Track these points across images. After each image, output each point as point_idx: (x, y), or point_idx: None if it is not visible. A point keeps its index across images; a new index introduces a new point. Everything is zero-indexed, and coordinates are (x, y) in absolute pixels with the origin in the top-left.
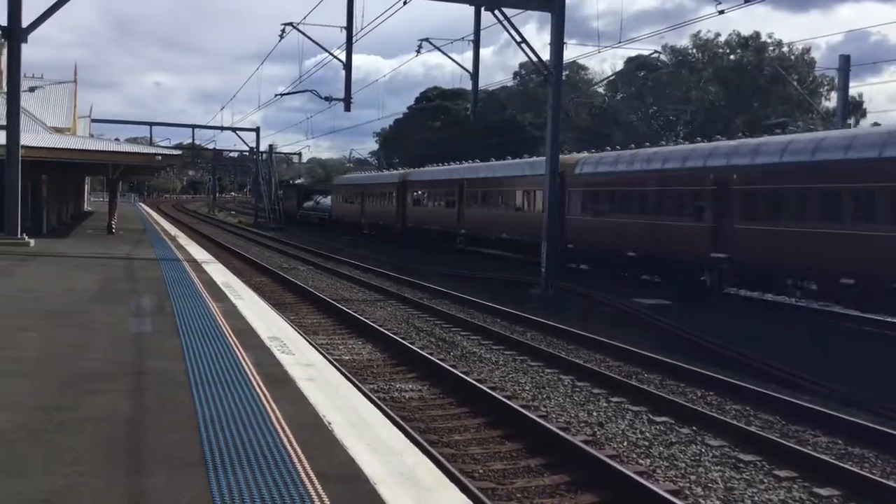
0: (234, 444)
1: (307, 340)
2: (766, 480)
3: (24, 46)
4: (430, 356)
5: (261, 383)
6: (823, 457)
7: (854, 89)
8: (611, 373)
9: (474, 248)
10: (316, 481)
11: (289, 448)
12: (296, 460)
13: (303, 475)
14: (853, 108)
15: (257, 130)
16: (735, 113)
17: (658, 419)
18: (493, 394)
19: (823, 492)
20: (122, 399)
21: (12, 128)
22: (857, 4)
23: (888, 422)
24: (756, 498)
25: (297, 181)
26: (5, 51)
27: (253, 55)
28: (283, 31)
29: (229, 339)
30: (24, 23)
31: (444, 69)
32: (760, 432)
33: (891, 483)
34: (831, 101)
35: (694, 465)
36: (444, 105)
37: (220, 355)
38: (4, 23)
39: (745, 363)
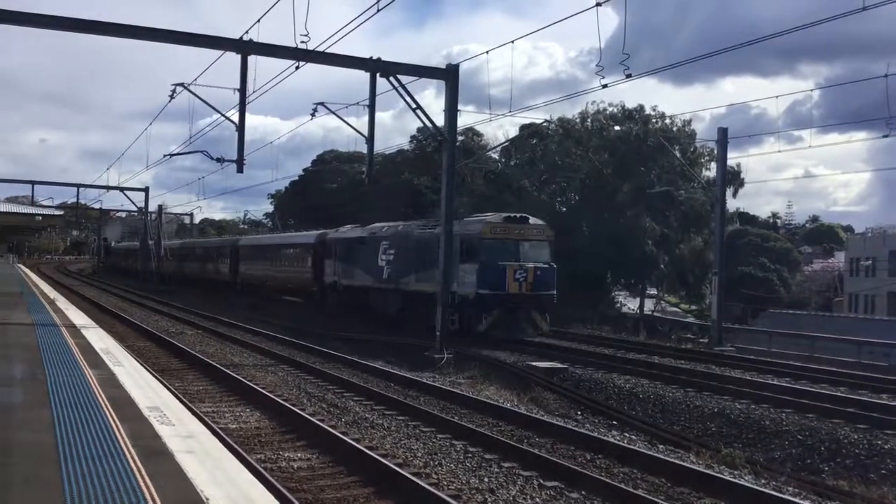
0: None
1: (190, 409)
2: None
3: None
4: (320, 423)
5: (136, 457)
6: None
7: (735, 159)
8: (503, 437)
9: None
10: None
11: None
12: None
13: None
14: (732, 178)
15: (146, 190)
16: (622, 181)
17: (549, 484)
18: (384, 461)
19: None
20: None
21: None
22: (737, 79)
23: (780, 487)
24: None
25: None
26: None
27: (143, 114)
28: (173, 91)
29: (105, 409)
30: None
31: (343, 132)
32: (647, 496)
33: None
34: (711, 171)
35: None
36: (341, 167)
37: (93, 427)
38: None
39: (636, 426)
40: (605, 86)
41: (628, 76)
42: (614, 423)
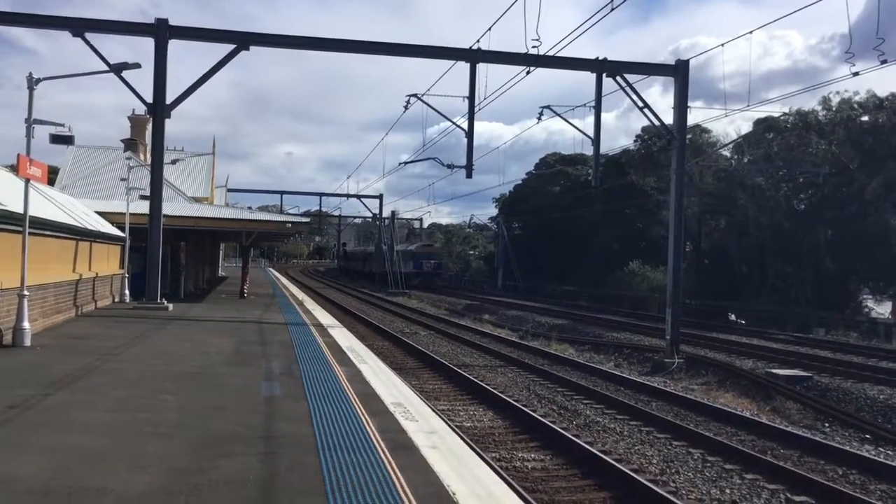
0: None
1: (430, 407)
2: None
3: (167, 121)
4: (552, 425)
5: (385, 450)
6: None
7: None
8: (744, 447)
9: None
10: None
11: None
12: None
13: None
14: None
15: (380, 197)
16: (869, 176)
17: (797, 499)
18: (620, 466)
19: None
20: (253, 462)
21: (155, 198)
22: None
23: None
24: None
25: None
26: (150, 125)
27: (378, 124)
28: (408, 102)
29: (354, 403)
30: (168, 100)
31: (566, 134)
32: None
33: None
34: None
35: None
36: (564, 170)
37: (345, 420)
38: (151, 100)
39: (893, 440)
40: (856, 73)
41: (883, 62)
42: (867, 436)
